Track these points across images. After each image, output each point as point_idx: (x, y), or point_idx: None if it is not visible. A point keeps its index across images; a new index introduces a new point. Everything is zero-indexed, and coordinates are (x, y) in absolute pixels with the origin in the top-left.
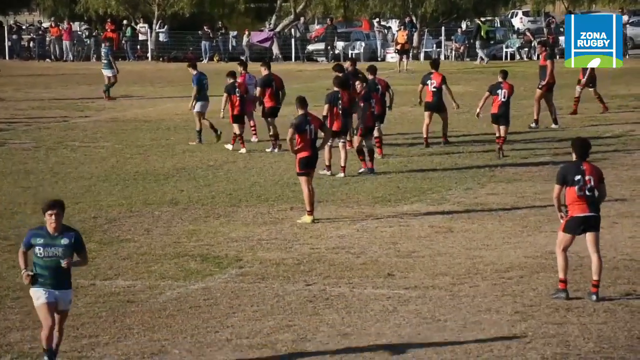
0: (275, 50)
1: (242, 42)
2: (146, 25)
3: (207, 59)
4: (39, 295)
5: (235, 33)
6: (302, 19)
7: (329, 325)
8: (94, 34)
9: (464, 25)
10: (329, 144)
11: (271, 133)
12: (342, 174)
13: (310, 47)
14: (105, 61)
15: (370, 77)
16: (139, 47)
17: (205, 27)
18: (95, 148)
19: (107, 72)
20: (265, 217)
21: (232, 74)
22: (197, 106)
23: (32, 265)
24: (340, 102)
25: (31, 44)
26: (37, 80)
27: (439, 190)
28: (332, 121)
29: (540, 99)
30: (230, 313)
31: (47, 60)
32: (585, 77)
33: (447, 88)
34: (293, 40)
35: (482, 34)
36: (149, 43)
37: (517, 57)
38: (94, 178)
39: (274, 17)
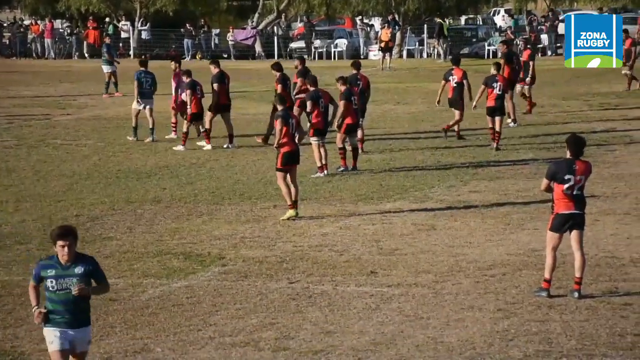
0: (258, 48)
1: (228, 41)
2: (128, 22)
3: (189, 56)
4: (52, 339)
5: (217, 31)
6: (283, 16)
7: (312, 323)
8: (75, 31)
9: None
10: (316, 142)
11: (210, 128)
12: (325, 172)
13: (293, 45)
14: (104, 57)
15: (353, 71)
16: (121, 44)
17: (187, 25)
18: (77, 146)
19: (106, 69)
20: (248, 215)
21: (189, 73)
22: (135, 103)
23: (44, 301)
24: (321, 100)
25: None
26: (18, 78)
27: (421, 188)
28: (316, 119)
29: (511, 97)
30: (213, 311)
31: (29, 58)
32: (529, 76)
33: (467, 83)
34: (275, 38)
35: (444, 31)
36: (131, 41)
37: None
38: (76, 176)
39: (256, 15)
